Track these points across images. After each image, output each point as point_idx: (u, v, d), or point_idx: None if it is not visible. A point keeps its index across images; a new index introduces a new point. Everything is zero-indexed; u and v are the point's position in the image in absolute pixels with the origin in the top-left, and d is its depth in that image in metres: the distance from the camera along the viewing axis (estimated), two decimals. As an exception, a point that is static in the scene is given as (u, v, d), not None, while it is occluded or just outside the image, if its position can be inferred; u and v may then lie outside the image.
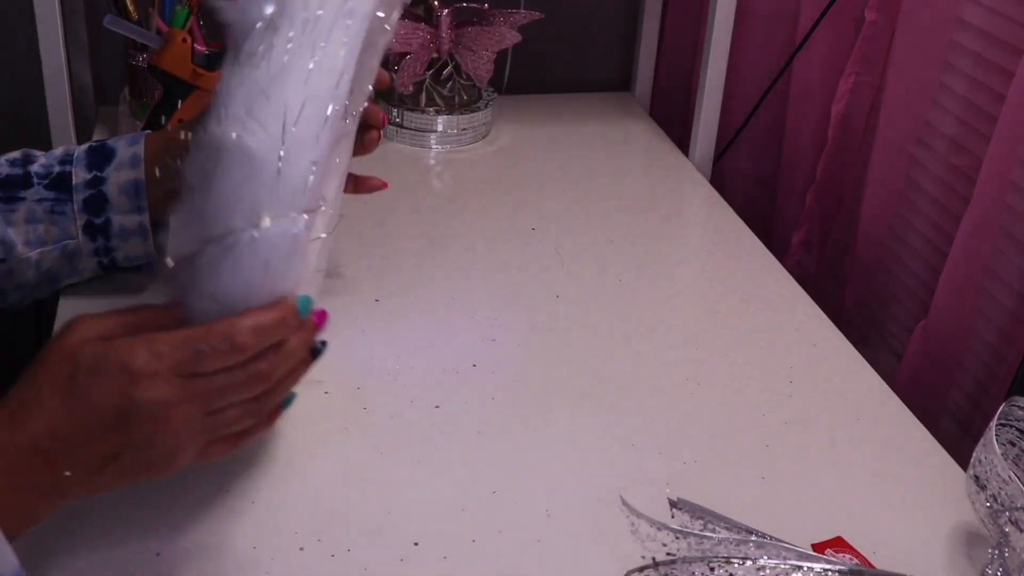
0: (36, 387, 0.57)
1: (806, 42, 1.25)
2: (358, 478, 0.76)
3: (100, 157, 0.86)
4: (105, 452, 0.57)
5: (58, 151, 0.87)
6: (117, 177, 0.85)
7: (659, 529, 0.63)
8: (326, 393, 0.84)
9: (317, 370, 0.87)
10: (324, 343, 0.67)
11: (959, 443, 1.04)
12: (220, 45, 1.17)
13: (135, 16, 1.16)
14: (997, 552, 0.67)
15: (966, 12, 1.04)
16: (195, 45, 1.08)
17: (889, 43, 1.15)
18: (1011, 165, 0.97)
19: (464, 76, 1.29)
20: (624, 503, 0.65)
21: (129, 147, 0.86)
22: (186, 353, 0.57)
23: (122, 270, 0.91)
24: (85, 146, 0.87)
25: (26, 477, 0.56)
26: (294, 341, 0.62)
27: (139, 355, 0.56)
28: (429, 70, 1.27)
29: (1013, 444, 0.74)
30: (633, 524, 0.64)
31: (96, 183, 0.85)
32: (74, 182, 0.85)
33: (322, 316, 0.66)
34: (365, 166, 1.25)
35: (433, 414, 0.83)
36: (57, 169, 0.85)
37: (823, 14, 1.22)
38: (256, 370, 0.59)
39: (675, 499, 0.66)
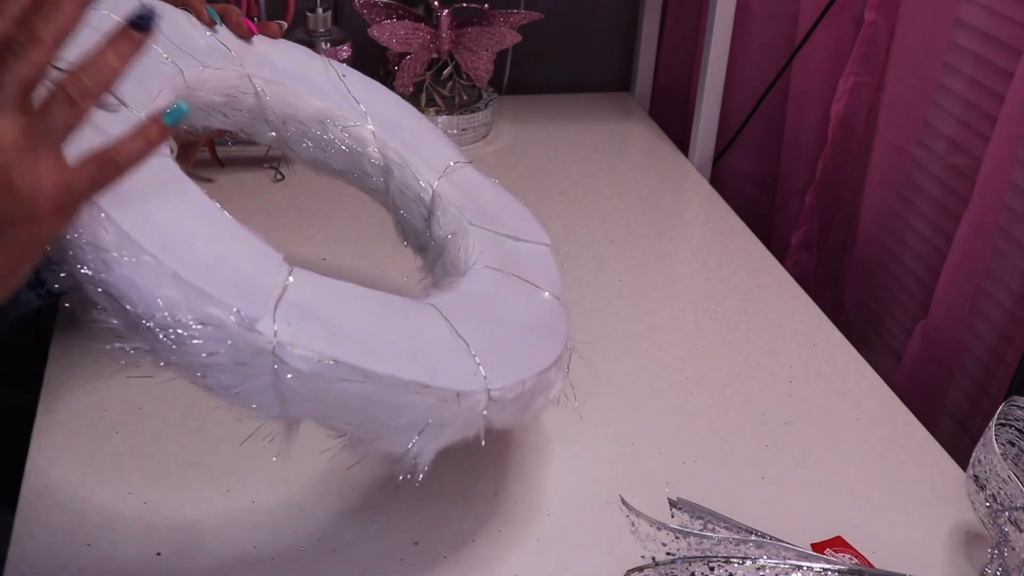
0: None
1: (806, 42, 1.26)
2: (358, 478, 0.76)
3: None
4: None
5: None
6: None
7: (659, 529, 0.63)
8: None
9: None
10: (151, 14, 0.51)
11: (959, 443, 1.04)
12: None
13: (135, 16, 1.15)
14: (997, 552, 0.67)
15: (965, 12, 1.04)
16: (195, 45, 1.07)
17: (889, 43, 1.15)
18: (1011, 165, 0.97)
19: (464, 76, 1.29)
20: (624, 503, 0.66)
21: None
22: None
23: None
24: None
25: None
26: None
27: None
28: (429, 70, 1.28)
29: (1012, 444, 0.74)
30: (633, 524, 0.64)
31: None
32: None
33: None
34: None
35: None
36: None
37: (823, 14, 1.22)
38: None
39: (675, 499, 0.66)
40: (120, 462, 0.76)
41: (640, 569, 0.62)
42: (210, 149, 1.17)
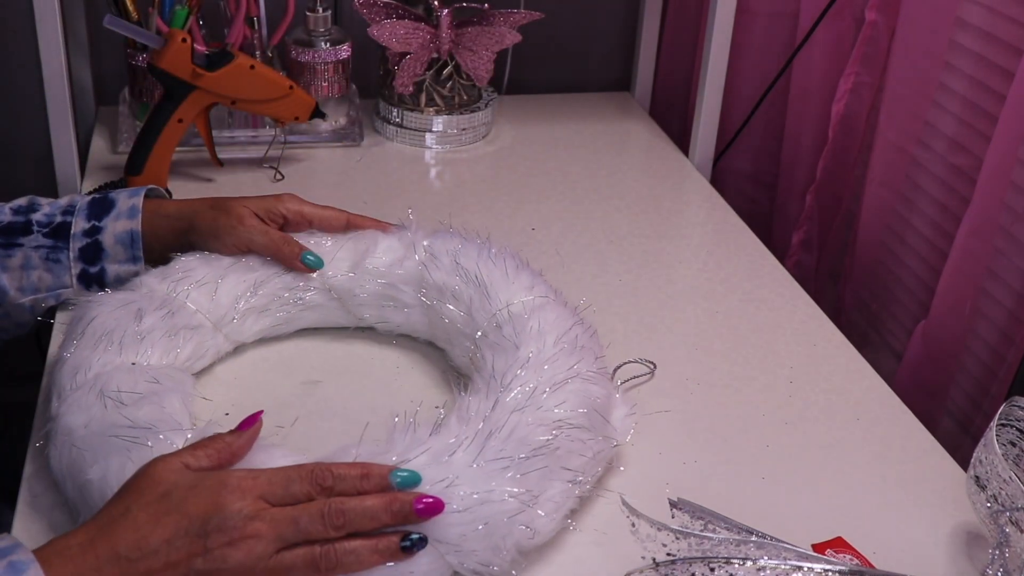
0: (125, 504, 0.61)
1: (806, 42, 1.25)
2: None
3: (100, 208, 0.88)
4: (180, 559, 0.59)
5: (63, 200, 0.90)
6: (114, 227, 0.87)
7: (659, 529, 0.63)
8: (323, 389, 0.85)
9: (319, 371, 0.88)
10: (423, 538, 0.63)
11: (959, 443, 1.04)
12: (220, 45, 1.17)
13: (135, 16, 1.16)
14: (997, 552, 0.67)
15: (966, 12, 1.04)
16: (195, 45, 1.07)
17: (889, 43, 1.15)
18: (1011, 165, 0.97)
19: (464, 76, 1.29)
20: (624, 503, 0.65)
21: (129, 199, 0.89)
22: (277, 476, 0.62)
23: None
24: (88, 197, 0.90)
25: None
26: (375, 501, 0.62)
27: (236, 474, 0.62)
28: (429, 70, 1.27)
29: (1013, 444, 0.74)
30: (633, 524, 0.64)
31: (93, 232, 0.87)
32: (72, 231, 0.87)
33: (434, 506, 0.63)
34: (366, 165, 1.25)
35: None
36: (59, 219, 0.87)
37: (823, 14, 1.22)
38: (330, 507, 0.61)
39: (675, 499, 0.66)
40: (120, 462, 0.75)
41: (640, 570, 0.62)
42: (210, 149, 1.17)
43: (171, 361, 0.79)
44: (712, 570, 0.60)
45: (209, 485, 0.60)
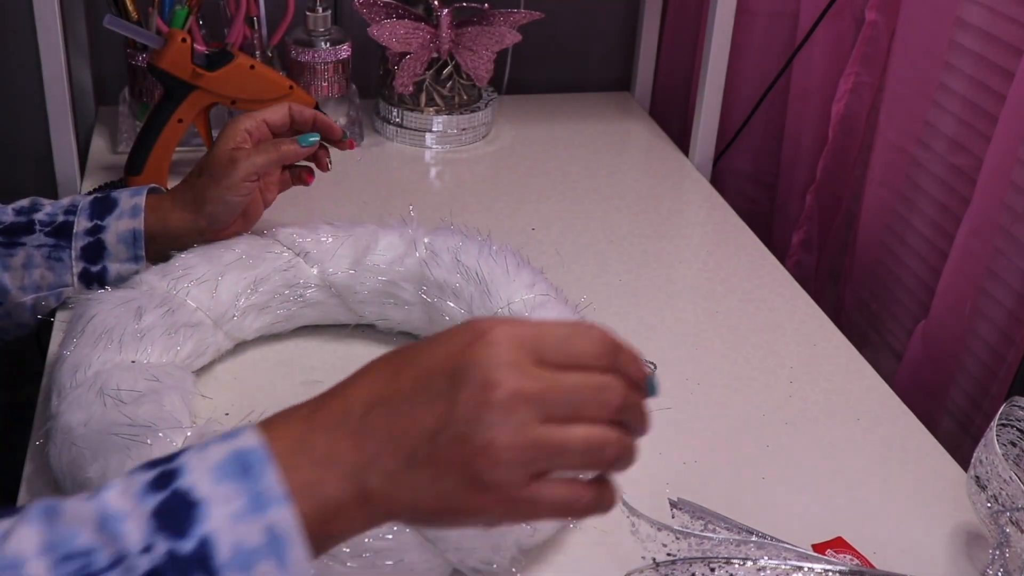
0: (375, 361, 0.52)
1: (806, 42, 1.25)
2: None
3: (103, 207, 0.89)
4: (422, 426, 0.48)
5: (65, 201, 0.90)
6: (117, 226, 0.88)
7: (659, 529, 0.63)
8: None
9: (318, 370, 0.88)
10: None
11: (959, 443, 1.04)
12: (220, 45, 1.17)
13: (135, 16, 1.15)
14: (998, 552, 0.67)
15: (966, 12, 1.04)
16: (195, 45, 1.07)
17: (889, 43, 1.15)
18: (1011, 165, 0.97)
19: (464, 76, 1.29)
20: (624, 503, 0.65)
21: (131, 198, 0.89)
22: (548, 326, 0.50)
23: None
24: (90, 197, 0.90)
25: (325, 446, 0.48)
26: (637, 396, 0.54)
27: (496, 319, 0.49)
28: (429, 70, 1.27)
29: (1014, 444, 0.74)
30: (633, 524, 0.64)
31: (96, 231, 0.88)
32: (75, 230, 0.87)
33: None
34: (366, 165, 1.25)
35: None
36: (61, 218, 0.88)
37: (823, 14, 1.22)
38: (607, 383, 0.51)
39: (675, 499, 0.66)
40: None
41: (640, 570, 0.62)
42: (208, 146, 1.17)
43: (171, 359, 0.79)
44: (712, 570, 0.60)
45: (460, 331, 0.49)
